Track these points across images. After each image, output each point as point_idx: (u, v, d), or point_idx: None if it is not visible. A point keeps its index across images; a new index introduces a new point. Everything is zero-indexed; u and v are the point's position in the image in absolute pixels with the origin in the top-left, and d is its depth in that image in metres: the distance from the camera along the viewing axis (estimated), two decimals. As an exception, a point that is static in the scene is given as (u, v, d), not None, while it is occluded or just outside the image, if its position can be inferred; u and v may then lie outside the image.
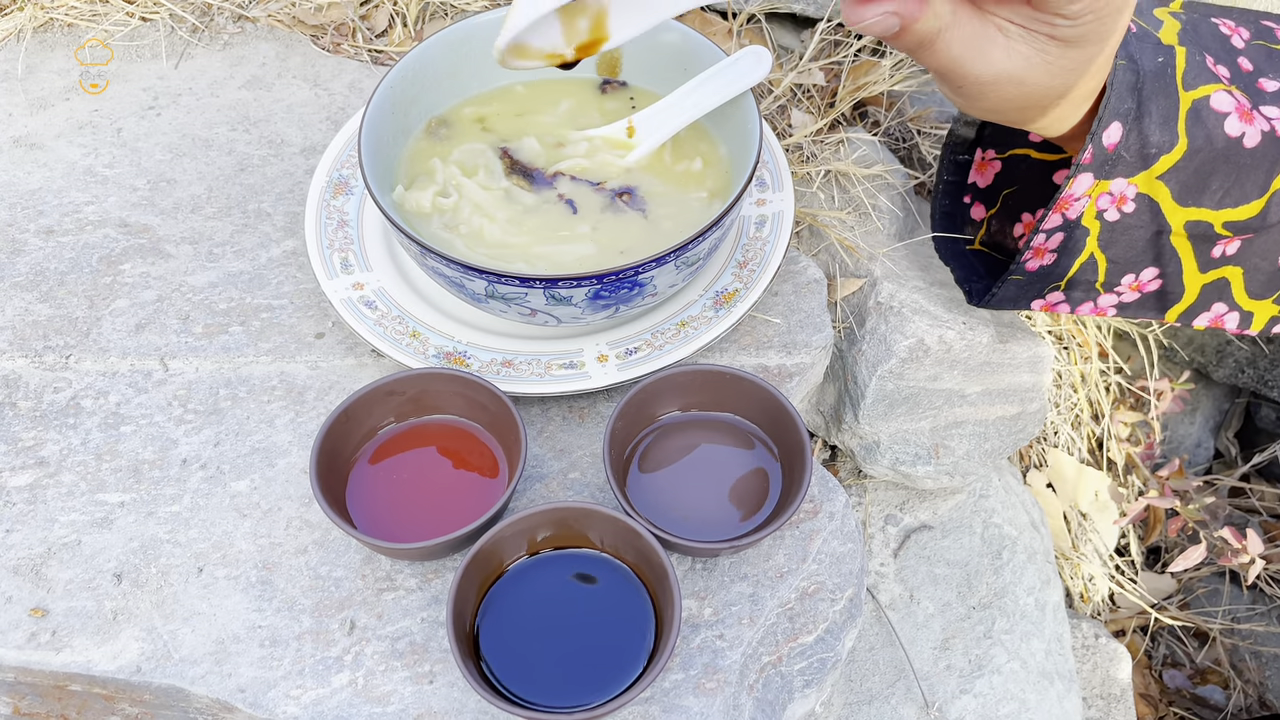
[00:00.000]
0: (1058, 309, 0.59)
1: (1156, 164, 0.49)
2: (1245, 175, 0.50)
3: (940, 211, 0.64)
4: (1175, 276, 0.54)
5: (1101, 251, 0.53)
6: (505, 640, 0.51)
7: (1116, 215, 0.51)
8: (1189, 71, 0.49)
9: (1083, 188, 0.50)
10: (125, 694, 0.54)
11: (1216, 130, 0.49)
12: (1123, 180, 0.50)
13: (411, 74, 0.64)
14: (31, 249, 0.70)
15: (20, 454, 0.60)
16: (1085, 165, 0.49)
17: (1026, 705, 0.76)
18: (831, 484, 0.61)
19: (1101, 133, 0.47)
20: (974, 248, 0.64)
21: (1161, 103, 0.48)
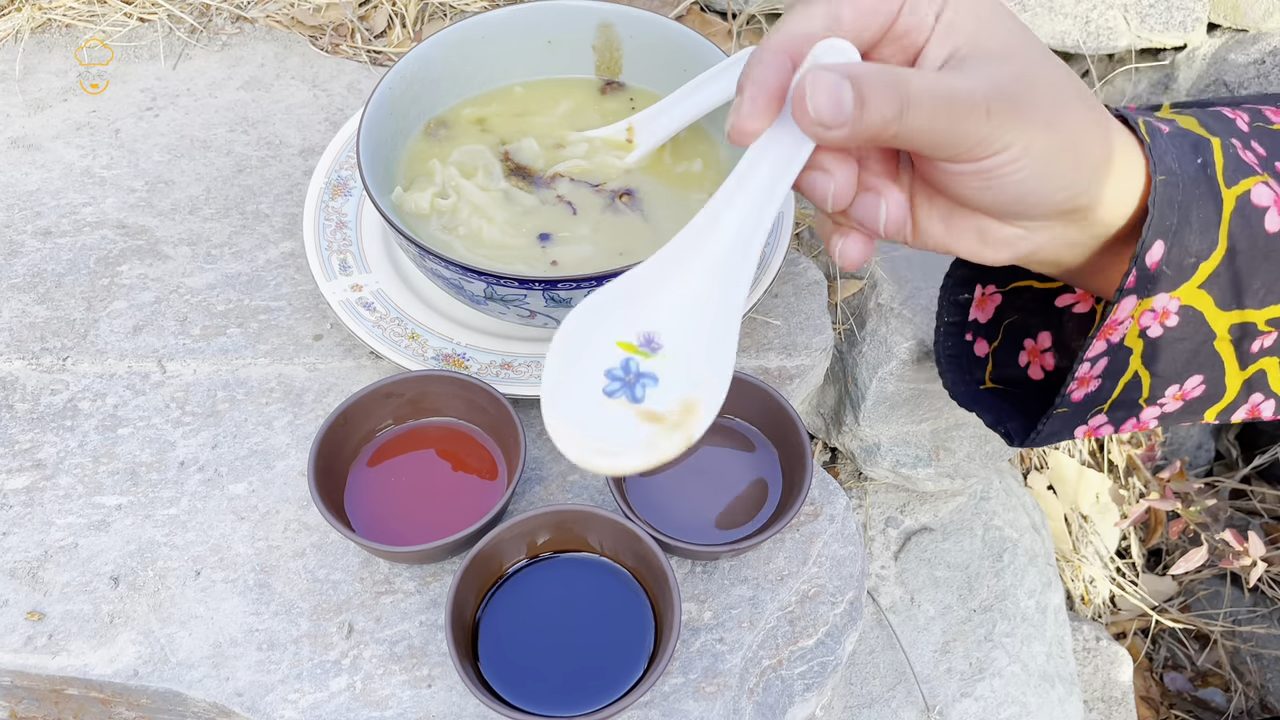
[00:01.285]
0: (1101, 432, 0.57)
1: (1196, 273, 0.47)
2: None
3: (945, 356, 0.61)
4: (1218, 380, 0.52)
5: (1146, 368, 0.51)
6: (504, 644, 0.51)
7: (1160, 330, 0.49)
8: (1228, 166, 0.46)
9: (1126, 311, 0.47)
10: (122, 698, 0.54)
11: (1258, 227, 0.46)
12: (1165, 295, 0.47)
13: (410, 75, 0.64)
14: (29, 250, 0.70)
15: (17, 456, 0.60)
16: (1129, 289, 0.46)
17: (1027, 708, 0.76)
18: (832, 486, 0.61)
19: (1145, 254, 0.44)
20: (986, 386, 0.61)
21: (1202, 209, 0.45)
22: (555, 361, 0.41)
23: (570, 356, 0.41)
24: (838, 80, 0.37)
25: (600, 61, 0.69)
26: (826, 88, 0.37)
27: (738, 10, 0.94)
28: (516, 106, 0.68)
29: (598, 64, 0.69)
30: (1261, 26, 0.93)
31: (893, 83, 0.37)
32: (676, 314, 0.41)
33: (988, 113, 0.38)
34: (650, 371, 0.41)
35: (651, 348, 0.41)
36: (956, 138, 0.38)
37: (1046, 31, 0.94)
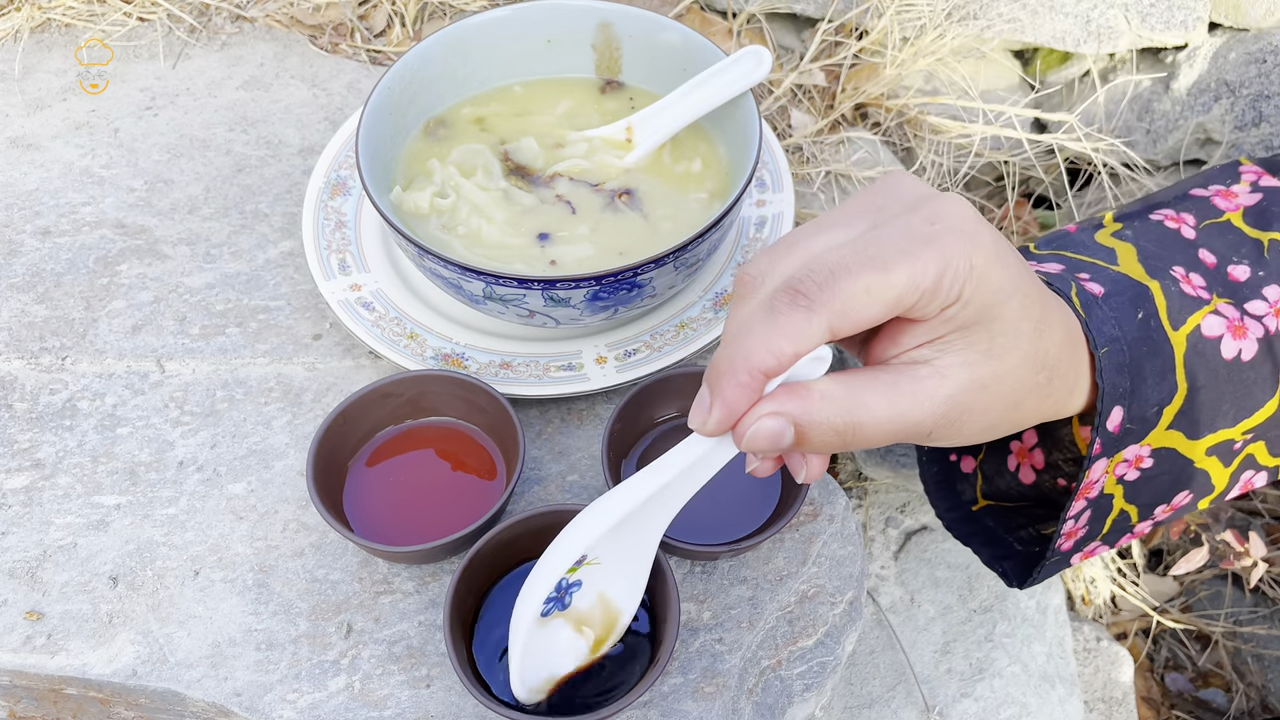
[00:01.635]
0: (1096, 553, 0.57)
1: (1161, 419, 0.47)
2: (1253, 386, 0.49)
3: (934, 481, 0.61)
4: (1205, 484, 0.53)
5: (1130, 504, 0.52)
6: (503, 644, 0.51)
7: (1136, 474, 0.50)
8: (1171, 307, 0.47)
9: (1098, 471, 0.48)
10: (121, 697, 0.54)
11: (1215, 359, 0.47)
12: (1134, 446, 0.48)
13: (410, 74, 0.64)
14: (28, 250, 0.70)
15: (16, 456, 0.60)
16: (1096, 455, 0.47)
17: (1028, 709, 0.75)
18: (832, 486, 0.61)
19: (1105, 422, 0.45)
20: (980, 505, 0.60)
21: (1154, 362, 0.46)
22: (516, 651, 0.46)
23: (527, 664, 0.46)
24: (782, 426, 0.38)
25: (600, 61, 0.69)
26: (768, 435, 0.38)
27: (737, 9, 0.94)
28: (516, 106, 0.68)
29: (597, 63, 0.69)
30: (1262, 25, 0.93)
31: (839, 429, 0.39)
32: (605, 533, 0.44)
33: (929, 435, 0.40)
34: (576, 580, 0.45)
35: (580, 562, 0.45)
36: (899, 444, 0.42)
37: (1048, 31, 0.94)
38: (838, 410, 0.39)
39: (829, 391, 0.39)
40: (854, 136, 0.80)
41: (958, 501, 0.60)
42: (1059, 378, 0.43)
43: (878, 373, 0.40)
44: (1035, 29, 0.94)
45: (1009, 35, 0.93)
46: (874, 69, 0.86)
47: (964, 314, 0.38)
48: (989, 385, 0.40)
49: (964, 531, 0.60)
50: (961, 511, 0.60)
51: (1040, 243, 0.53)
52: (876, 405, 0.39)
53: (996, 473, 0.59)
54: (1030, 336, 0.40)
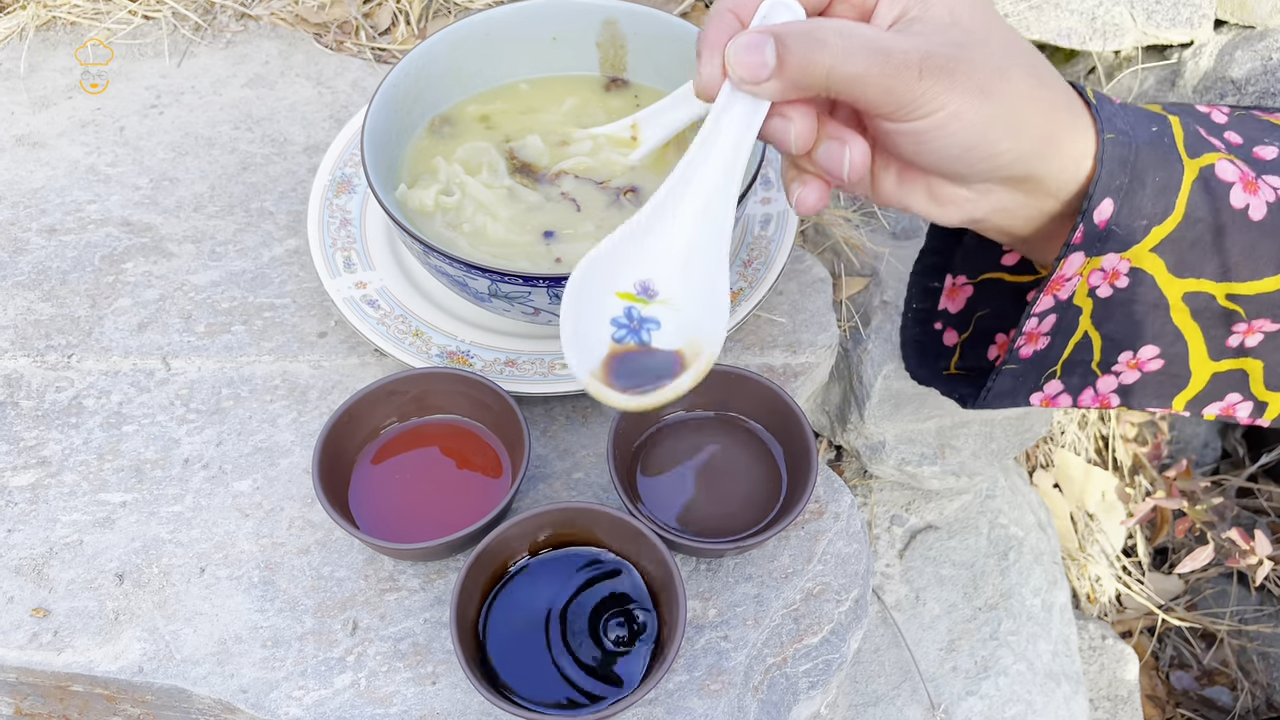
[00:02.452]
0: (1058, 401, 0.56)
1: (1148, 236, 0.47)
2: (1255, 249, 0.48)
3: (912, 341, 0.61)
4: (1179, 359, 0.52)
5: (1096, 329, 0.51)
6: (509, 641, 0.51)
7: (1109, 291, 0.49)
8: (1189, 140, 0.47)
9: (1074, 267, 0.48)
10: (127, 694, 0.54)
11: (1223, 201, 0.47)
12: (1115, 256, 0.47)
13: (415, 72, 0.64)
14: (34, 248, 0.70)
15: (22, 454, 0.60)
16: (1076, 244, 0.46)
17: (1033, 707, 0.75)
18: (837, 484, 0.61)
19: (1093, 210, 0.45)
20: (950, 372, 0.61)
21: (1159, 174, 0.46)
22: (568, 320, 0.44)
23: (579, 312, 0.44)
24: (759, 39, 0.40)
25: (605, 58, 0.69)
26: (745, 47, 0.40)
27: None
28: (521, 103, 0.68)
29: (602, 61, 0.69)
30: (1269, 23, 0.93)
31: (812, 37, 0.39)
32: (667, 263, 0.44)
33: (919, 74, 0.40)
34: (652, 316, 0.44)
35: (649, 295, 0.44)
36: (888, 96, 0.40)
37: (1053, 28, 0.94)
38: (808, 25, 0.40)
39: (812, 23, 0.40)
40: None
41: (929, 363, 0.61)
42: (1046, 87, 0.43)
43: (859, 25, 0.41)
44: (1040, 26, 0.94)
45: (1014, 32, 0.93)
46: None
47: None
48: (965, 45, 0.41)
49: (927, 377, 0.61)
50: (931, 370, 0.61)
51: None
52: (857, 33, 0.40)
53: (975, 355, 0.59)
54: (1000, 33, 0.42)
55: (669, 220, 0.44)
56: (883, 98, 0.40)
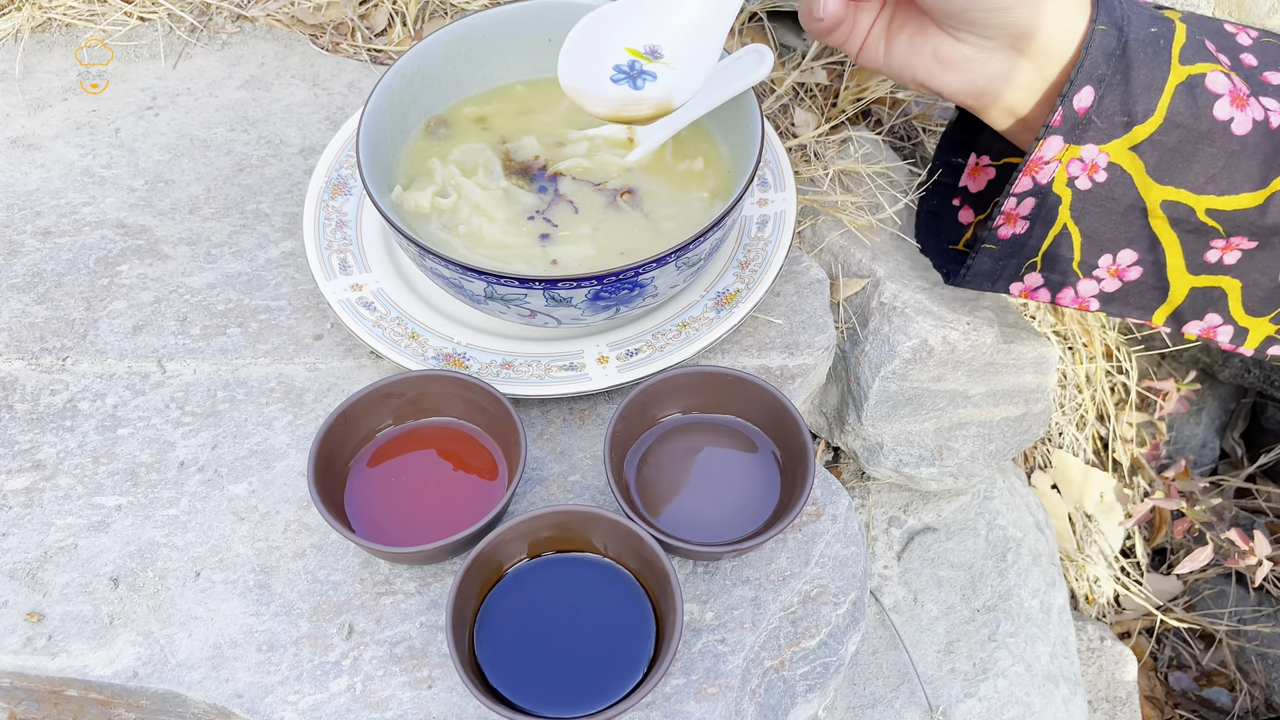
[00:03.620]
0: (1037, 295, 0.57)
1: (1129, 133, 0.48)
2: (1235, 163, 0.48)
3: (926, 209, 0.63)
4: (1158, 268, 0.52)
5: (1075, 223, 0.52)
6: (505, 645, 0.51)
7: (1088, 184, 0.50)
8: (1187, 47, 0.48)
9: (1052, 151, 0.49)
10: (122, 699, 0.54)
11: (1205, 110, 0.48)
12: (1094, 147, 0.48)
13: (410, 73, 0.64)
14: (28, 250, 0.70)
15: (16, 457, 0.60)
16: (1055, 127, 0.48)
17: (1031, 709, 0.75)
18: (834, 486, 0.60)
19: (1073, 95, 0.46)
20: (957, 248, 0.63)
21: (1144, 72, 0.47)
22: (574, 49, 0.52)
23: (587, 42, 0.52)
24: None
25: (601, 59, 0.69)
26: None
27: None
28: (517, 105, 0.68)
29: (599, 62, 0.69)
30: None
31: None
32: (679, 33, 0.51)
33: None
34: (651, 71, 0.53)
35: (655, 55, 0.53)
36: None
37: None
38: None
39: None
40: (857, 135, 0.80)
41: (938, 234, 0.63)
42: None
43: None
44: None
45: (1012, 33, 0.93)
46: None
47: None
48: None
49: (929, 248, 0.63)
50: (938, 243, 0.62)
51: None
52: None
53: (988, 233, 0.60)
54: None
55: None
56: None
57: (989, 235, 0.54)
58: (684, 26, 0.52)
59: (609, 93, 0.54)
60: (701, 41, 0.52)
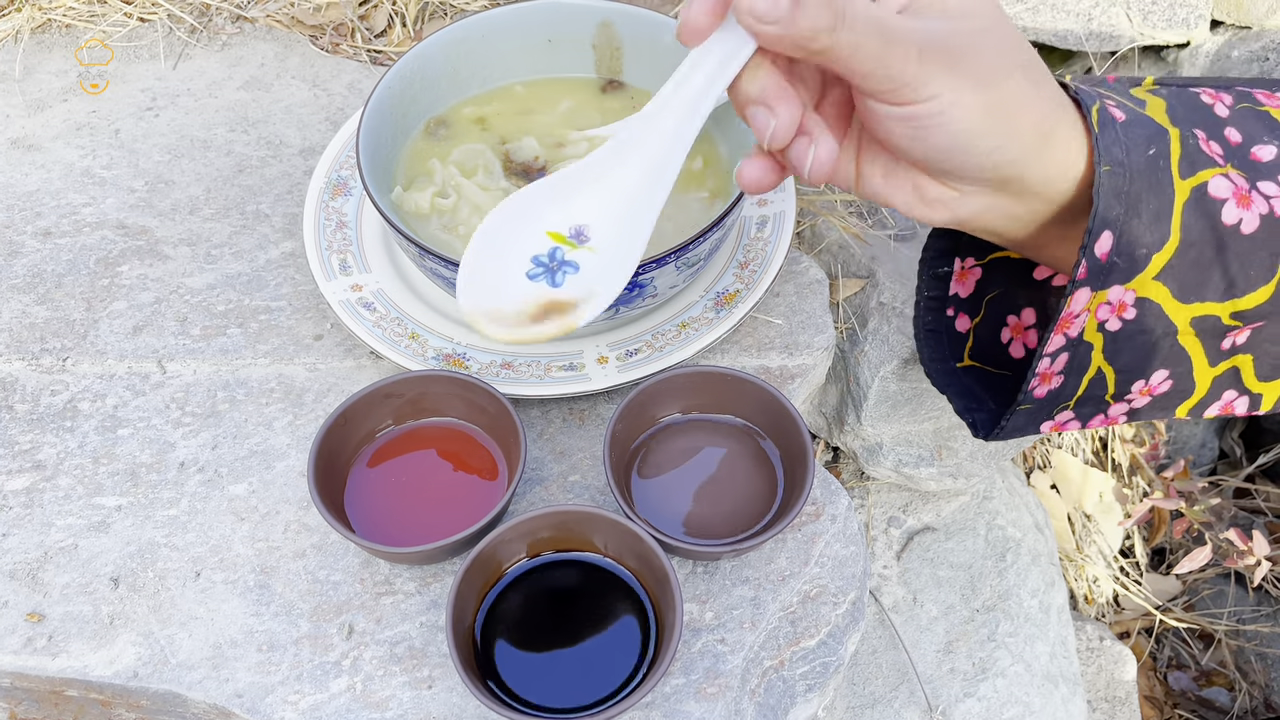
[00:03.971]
0: (1068, 427, 0.56)
1: (1150, 265, 0.47)
2: (1248, 262, 0.48)
3: (925, 331, 0.60)
4: (1185, 375, 0.52)
5: (1109, 364, 0.51)
6: (505, 645, 0.51)
7: (1118, 324, 0.49)
8: (1185, 157, 0.47)
9: (1081, 303, 0.47)
10: (122, 699, 0.54)
11: (1215, 219, 0.47)
12: (1119, 287, 0.47)
13: (410, 74, 0.64)
14: (29, 251, 0.70)
15: (17, 457, 0.60)
16: (1081, 280, 0.46)
17: (1031, 709, 0.75)
18: (834, 486, 0.61)
19: (1094, 245, 0.45)
20: (964, 364, 0.61)
21: (1153, 200, 0.45)
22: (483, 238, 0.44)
23: (499, 236, 0.44)
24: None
25: (601, 60, 0.69)
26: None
27: (739, 9, 0.94)
28: (517, 105, 0.68)
29: (598, 63, 0.69)
30: (1265, 24, 0.93)
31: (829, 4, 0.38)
32: (608, 210, 0.43)
33: (919, 55, 0.39)
34: (573, 261, 0.44)
35: (580, 239, 0.44)
36: (885, 71, 0.39)
37: (1049, 29, 0.94)
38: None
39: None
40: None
41: (944, 354, 0.61)
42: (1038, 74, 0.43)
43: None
44: (1037, 27, 0.94)
45: (1010, 33, 0.93)
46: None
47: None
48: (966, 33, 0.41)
49: (943, 382, 0.60)
50: (946, 365, 0.60)
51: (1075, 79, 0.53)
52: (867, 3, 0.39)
53: (989, 339, 0.59)
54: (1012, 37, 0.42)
55: (622, 167, 0.43)
56: (879, 72, 0.39)
57: (1025, 397, 0.52)
58: (616, 200, 0.43)
59: (523, 296, 0.45)
60: (634, 221, 0.43)
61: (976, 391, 0.60)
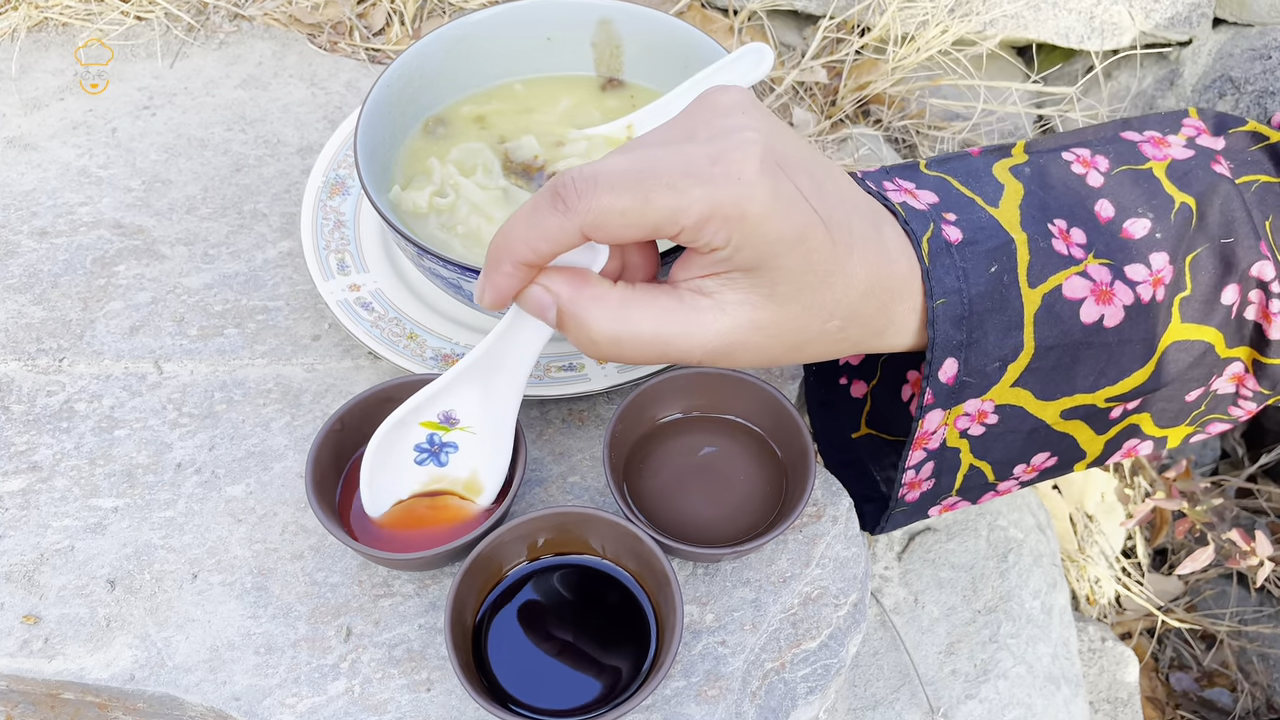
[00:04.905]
0: (957, 507, 0.56)
1: (1005, 374, 0.46)
2: (1117, 353, 0.47)
3: (818, 404, 0.60)
4: (1071, 449, 0.51)
5: (980, 459, 0.50)
6: (504, 647, 0.50)
7: (981, 429, 0.48)
8: (1034, 264, 0.45)
9: (934, 423, 0.47)
10: (119, 702, 0.53)
11: (1072, 321, 0.46)
12: (975, 400, 0.47)
13: (409, 72, 0.63)
14: (25, 250, 0.69)
15: (13, 458, 0.60)
16: (929, 405, 0.46)
17: (1033, 710, 0.75)
18: (835, 487, 0.60)
19: (936, 372, 0.45)
20: (861, 433, 0.59)
21: (998, 318, 0.45)
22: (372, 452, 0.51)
23: (386, 443, 0.51)
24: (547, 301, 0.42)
25: (600, 58, 0.69)
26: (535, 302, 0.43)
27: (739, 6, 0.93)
28: (516, 104, 0.68)
29: (598, 61, 0.69)
30: (1267, 21, 0.93)
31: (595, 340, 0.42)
32: (469, 400, 0.50)
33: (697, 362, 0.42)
34: (451, 441, 0.52)
35: (450, 422, 0.51)
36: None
37: (1051, 27, 0.93)
38: (601, 319, 0.41)
39: (604, 296, 0.41)
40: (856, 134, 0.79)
41: (838, 427, 0.60)
42: (857, 324, 0.43)
43: (659, 294, 0.41)
44: (1038, 25, 0.93)
45: (1012, 31, 0.93)
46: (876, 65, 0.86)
47: (739, 257, 0.39)
48: (766, 327, 0.41)
49: (837, 460, 0.60)
50: (840, 439, 0.60)
51: (934, 161, 0.52)
52: (642, 326, 0.40)
53: (888, 400, 0.58)
54: (815, 287, 0.41)
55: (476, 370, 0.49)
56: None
57: (898, 504, 0.52)
58: (475, 392, 0.50)
59: (417, 481, 0.52)
60: (499, 404, 0.50)
61: (869, 472, 0.59)
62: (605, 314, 0.41)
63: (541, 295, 0.42)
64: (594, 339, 0.41)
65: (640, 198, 0.38)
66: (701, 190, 0.38)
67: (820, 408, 0.59)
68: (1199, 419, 0.53)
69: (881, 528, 0.56)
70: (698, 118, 0.41)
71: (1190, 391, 0.51)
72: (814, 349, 0.43)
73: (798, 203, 0.39)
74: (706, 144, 0.39)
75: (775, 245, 0.39)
